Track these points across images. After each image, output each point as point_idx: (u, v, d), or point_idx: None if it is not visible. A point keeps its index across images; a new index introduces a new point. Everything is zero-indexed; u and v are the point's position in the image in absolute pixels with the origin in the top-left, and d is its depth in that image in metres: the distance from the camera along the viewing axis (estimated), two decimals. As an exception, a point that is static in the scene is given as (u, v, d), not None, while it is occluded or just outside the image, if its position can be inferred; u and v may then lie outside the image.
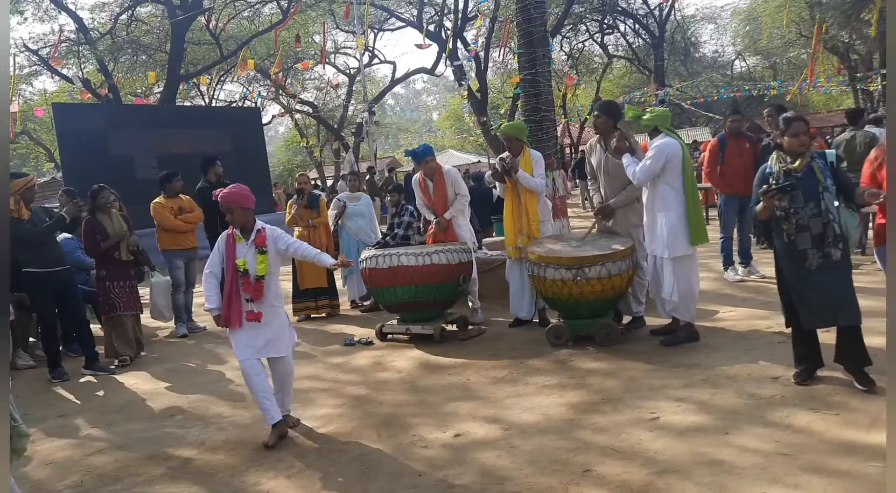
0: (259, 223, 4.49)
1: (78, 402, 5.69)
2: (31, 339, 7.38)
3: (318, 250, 4.66)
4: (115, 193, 7.30)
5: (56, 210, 7.10)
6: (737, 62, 38.51)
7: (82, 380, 6.33)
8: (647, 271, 5.81)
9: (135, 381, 6.15)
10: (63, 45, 22.02)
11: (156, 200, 7.81)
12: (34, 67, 23.66)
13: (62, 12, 21.54)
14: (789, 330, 4.50)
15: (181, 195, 7.91)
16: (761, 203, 4.29)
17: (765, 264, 7.89)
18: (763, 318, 6.00)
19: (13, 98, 20.89)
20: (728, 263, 7.88)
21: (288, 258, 5.14)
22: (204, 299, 4.50)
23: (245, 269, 4.33)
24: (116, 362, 6.65)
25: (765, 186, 4.27)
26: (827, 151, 4.83)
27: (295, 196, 8.09)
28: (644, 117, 5.57)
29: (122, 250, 6.73)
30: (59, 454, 4.51)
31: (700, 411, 4.13)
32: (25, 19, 22.80)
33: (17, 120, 23.77)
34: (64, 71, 22.80)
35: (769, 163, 4.43)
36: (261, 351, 4.38)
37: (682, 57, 32.08)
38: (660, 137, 5.47)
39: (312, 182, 31.54)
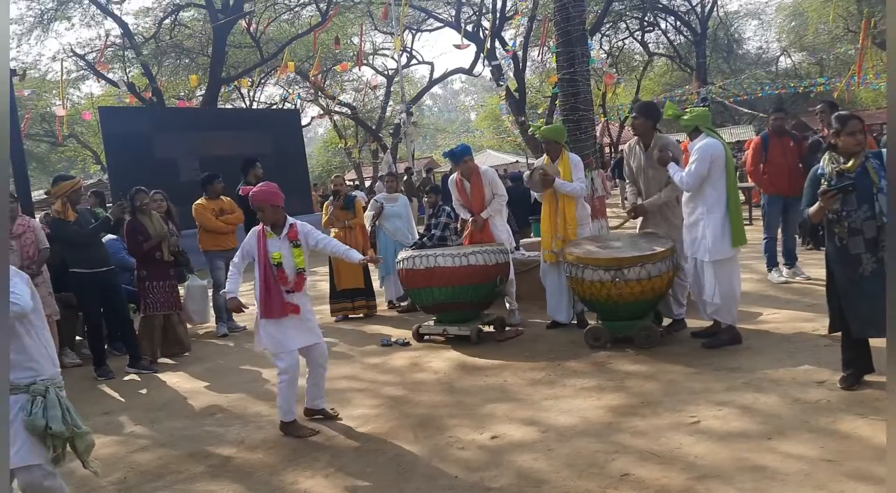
0: (290, 219, 4.59)
1: (122, 400, 5.82)
2: (77, 338, 7.56)
3: (347, 247, 4.78)
4: (163, 192, 7.44)
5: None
6: (782, 59, 37.75)
7: (126, 378, 6.47)
8: (687, 273, 5.71)
9: (176, 380, 6.26)
10: (109, 49, 22.55)
11: (197, 201, 7.94)
12: (81, 72, 24.27)
13: (108, 18, 22.06)
14: (836, 334, 4.38)
15: (222, 197, 8.03)
16: (816, 205, 4.13)
17: (810, 265, 7.71)
18: (808, 320, 5.86)
19: (61, 102, 21.48)
20: (772, 264, 7.71)
21: (322, 256, 5.22)
22: (245, 299, 4.59)
23: (280, 262, 4.42)
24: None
25: (824, 186, 4.10)
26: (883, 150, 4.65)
27: (331, 198, 8.13)
28: (684, 117, 5.49)
29: (163, 250, 6.86)
30: (103, 451, 4.60)
31: (742, 415, 4.04)
32: (73, 25, 23.44)
33: (65, 123, 24.37)
34: (109, 75, 23.36)
35: (821, 164, 4.27)
36: (307, 337, 4.53)
37: (725, 54, 31.51)
38: (701, 138, 5.37)
39: (351, 183, 31.77)
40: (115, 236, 7.42)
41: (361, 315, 8.01)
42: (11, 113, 7.69)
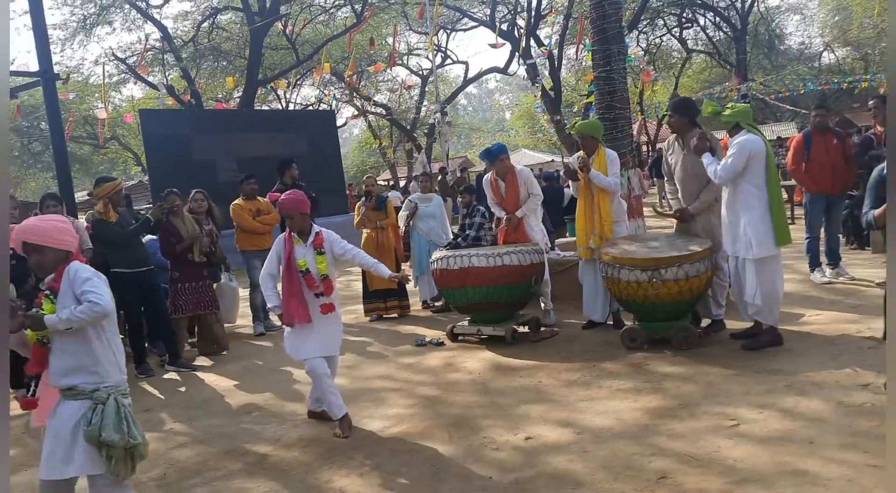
0: (316, 227, 4.67)
1: (162, 397, 5.92)
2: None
3: (375, 261, 4.79)
4: (204, 192, 7.55)
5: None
6: (825, 54, 36.94)
7: (165, 376, 6.57)
8: (728, 273, 5.61)
9: (214, 378, 6.35)
10: (149, 53, 22.98)
11: (235, 201, 8.05)
12: (122, 75, 24.77)
13: (148, 22, 22.48)
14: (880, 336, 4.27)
15: (259, 198, 8.12)
16: (882, 207, 3.99)
17: (854, 265, 7.53)
18: (852, 322, 5.72)
19: (104, 105, 21.93)
20: (815, 264, 7.54)
21: (345, 262, 5.28)
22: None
23: (306, 268, 4.49)
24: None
25: None
26: None
27: (363, 198, 8.16)
28: (724, 113, 5.38)
29: (195, 251, 6.96)
30: (143, 448, 4.68)
31: (783, 418, 3.96)
32: (114, 29, 23.88)
33: (107, 126, 24.90)
34: (149, 78, 23.79)
35: (883, 164, 4.11)
36: (325, 348, 4.58)
37: (766, 50, 30.94)
38: (741, 134, 5.28)
39: (386, 183, 31.87)
40: (154, 237, 7.56)
41: (395, 315, 8.04)
42: (52, 117, 7.91)
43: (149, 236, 7.23)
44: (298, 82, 29.35)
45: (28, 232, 2.98)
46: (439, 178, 19.27)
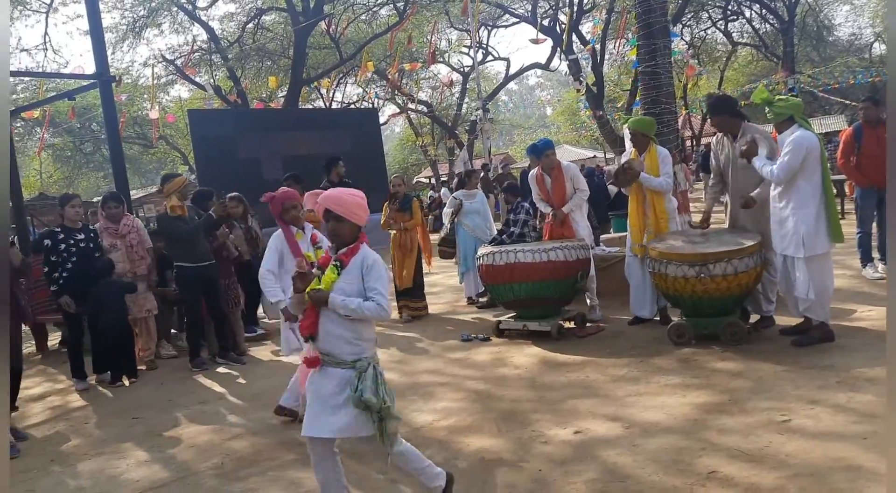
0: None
1: (216, 390, 6.09)
2: (171, 330, 7.96)
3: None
4: (240, 196, 7.71)
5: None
6: (876, 45, 35.95)
7: (219, 370, 6.75)
8: (777, 269, 5.55)
9: (265, 371, 6.50)
10: (195, 54, 23.44)
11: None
12: (170, 76, 25.33)
13: (195, 23, 22.94)
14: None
15: (304, 194, 8.22)
16: None
17: (908, 260, 7.35)
18: (906, 318, 5.61)
19: (154, 106, 22.47)
20: (867, 259, 7.40)
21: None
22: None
23: (315, 261, 4.51)
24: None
25: None
26: None
27: (388, 199, 8.08)
28: (777, 104, 5.25)
29: (229, 248, 7.13)
30: (200, 438, 4.85)
31: (836, 414, 3.93)
32: (162, 32, 24.44)
33: (160, 126, 25.48)
34: (196, 79, 24.25)
35: None
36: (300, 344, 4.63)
37: (815, 41, 30.25)
38: (794, 129, 5.18)
39: (428, 180, 31.85)
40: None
41: (409, 317, 7.96)
42: (109, 118, 8.18)
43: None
44: (341, 81, 29.62)
45: (332, 202, 3.19)
46: (481, 174, 19.28)
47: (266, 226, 8.69)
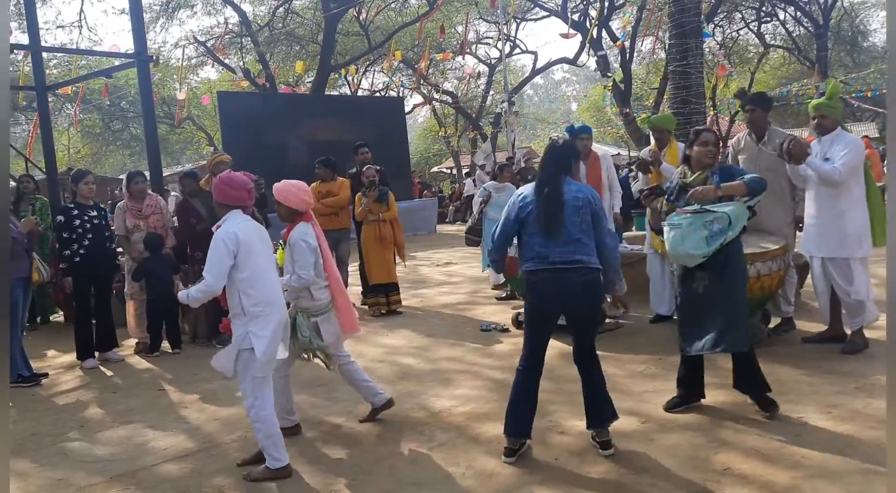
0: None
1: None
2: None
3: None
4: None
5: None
6: (911, 52, 35.32)
7: (242, 348, 6.85)
8: (813, 273, 5.50)
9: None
10: (226, 37, 23.62)
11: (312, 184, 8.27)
12: (200, 58, 25.54)
13: (227, 6, 23.09)
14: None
15: (340, 178, 8.15)
16: None
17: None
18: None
19: (182, 87, 22.66)
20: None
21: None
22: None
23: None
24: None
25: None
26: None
27: (363, 189, 7.89)
28: (836, 106, 5.26)
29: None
30: (223, 413, 4.96)
31: (853, 419, 3.96)
32: (195, 13, 24.61)
33: (187, 107, 25.71)
34: (226, 61, 24.43)
35: None
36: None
37: (849, 46, 29.82)
38: (839, 131, 5.17)
39: (448, 171, 31.77)
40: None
41: (400, 310, 7.94)
42: (145, 97, 8.29)
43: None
44: (368, 69, 29.69)
45: (275, 190, 4.25)
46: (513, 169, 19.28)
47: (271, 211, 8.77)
